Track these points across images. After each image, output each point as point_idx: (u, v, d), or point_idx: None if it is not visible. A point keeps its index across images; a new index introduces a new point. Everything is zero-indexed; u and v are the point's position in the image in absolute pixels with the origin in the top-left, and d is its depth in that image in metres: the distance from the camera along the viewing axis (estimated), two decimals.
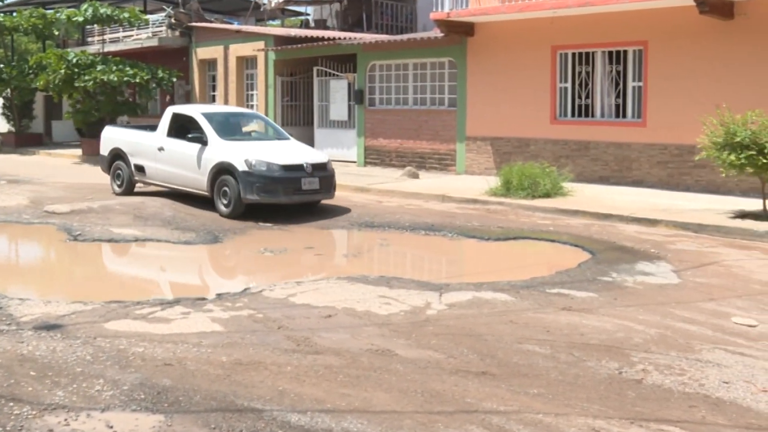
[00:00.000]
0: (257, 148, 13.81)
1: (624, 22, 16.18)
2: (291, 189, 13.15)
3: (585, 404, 5.19)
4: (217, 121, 14.48)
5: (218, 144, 13.81)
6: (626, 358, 6.09)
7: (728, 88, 14.62)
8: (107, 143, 16.64)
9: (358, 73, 21.80)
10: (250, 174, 13.06)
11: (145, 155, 15.40)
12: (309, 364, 5.91)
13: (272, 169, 13.13)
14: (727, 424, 4.92)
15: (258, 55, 24.82)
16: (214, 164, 13.56)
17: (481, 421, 4.89)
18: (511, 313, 7.41)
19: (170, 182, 14.87)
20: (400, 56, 20.86)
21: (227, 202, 13.32)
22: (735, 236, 11.29)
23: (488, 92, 18.73)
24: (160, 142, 14.99)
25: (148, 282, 9.50)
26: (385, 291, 8.22)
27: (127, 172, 15.93)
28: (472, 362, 6.00)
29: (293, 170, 13.29)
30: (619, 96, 16.77)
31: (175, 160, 14.54)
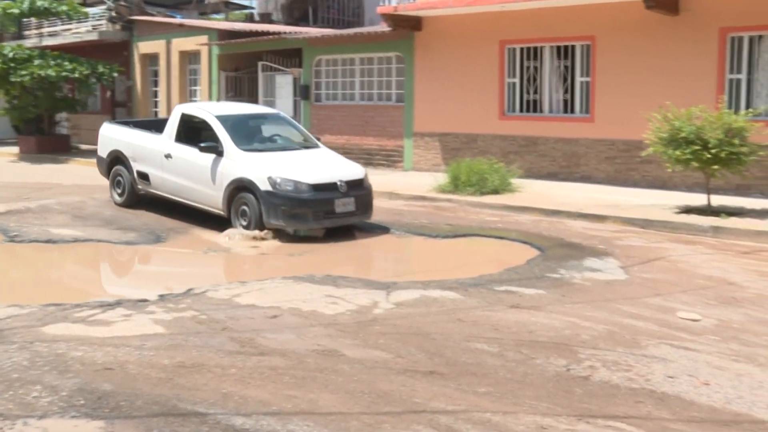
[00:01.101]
0: (282, 161, 11.68)
1: (572, 16, 16.28)
2: (322, 212, 11.12)
3: (533, 402, 5.17)
4: (234, 126, 12.28)
5: (236, 155, 11.66)
6: (574, 355, 6.09)
7: (674, 84, 14.79)
8: (106, 143, 14.47)
9: (304, 68, 21.64)
10: (274, 195, 11.00)
11: (149, 161, 13.24)
12: (254, 366, 5.80)
13: (300, 189, 11.06)
14: (671, 418, 4.94)
15: (201, 50, 24.47)
16: (232, 180, 11.48)
17: (428, 421, 4.84)
18: (459, 311, 7.37)
19: (179, 196, 12.72)
20: (347, 51, 20.75)
21: (246, 225, 11.33)
22: (680, 231, 11.42)
23: (436, 87, 18.72)
24: (168, 147, 12.83)
25: (88, 284, 9.27)
26: (331, 290, 8.13)
27: (128, 180, 13.82)
28: (420, 362, 5.95)
29: (325, 190, 11.21)
30: (567, 91, 16.88)
31: (185, 171, 12.44)
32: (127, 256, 10.54)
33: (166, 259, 10.67)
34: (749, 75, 14.38)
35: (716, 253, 10.09)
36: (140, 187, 13.62)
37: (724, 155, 11.74)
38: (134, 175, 13.64)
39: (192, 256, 10.65)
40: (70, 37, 28.48)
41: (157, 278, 9.68)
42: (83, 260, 10.52)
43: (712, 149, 11.70)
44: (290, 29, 24.96)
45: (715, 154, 11.70)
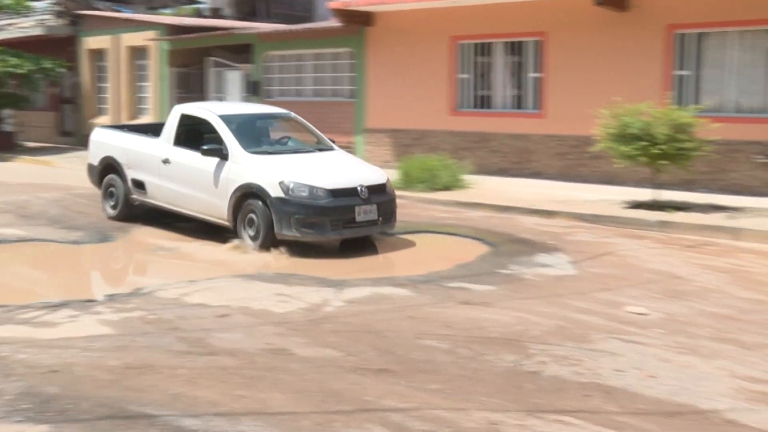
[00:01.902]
0: (295, 164, 10.51)
1: (523, 12, 16.38)
2: (341, 221, 9.94)
3: (484, 398, 5.19)
4: (240, 127, 11.08)
5: (243, 159, 10.47)
6: (524, 351, 6.13)
7: (623, 80, 14.95)
8: (97, 150, 13.02)
9: (254, 64, 21.50)
10: (287, 202, 9.81)
11: (145, 168, 11.87)
12: (203, 366, 5.74)
13: (316, 195, 9.88)
14: (618, 411, 4.99)
15: (150, 45, 24.18)
16: (238, 186, 10.29)
17: (379, 419, 4.83)
18: (410, 308, 7.38)
19: (178, 205, 11.41)
20: (298, 46, 20.66)
21: (254, 235, 10.15)
22: (629, 226, 11.57)
23: (388, 83, 18.72)
24: (165, 151, 11.49)
25: (33, 284, 9.07)
26: (282, 288, 8.08)
27: (122, 189, 12.29)
28: (370, 359, 5.94)
29: (344, 196, 10.05)
30: (518, 87, 16.99)
31: (185, 177, 11.15)
32: (73, 255, 10.36)
33: (114, 258, 10.52)
34: (695, 71, 14.61)
35: (663, 248, 10.24)
36: (135, 196, 12.13)
37: (670, 151, 11.92)
38: (128, 183, 12.19)
39: (141, 255, 10.52)
40: (15, 31, 27.86)
41: (105, 278, 9.53)
42: (28, 260, 10.30)
43: (660, 145, 11.87)
44: (240, 24, 24.79)
45: (663, 150, 11.87)
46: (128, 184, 12.20)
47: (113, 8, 30.58)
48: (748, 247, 10.34)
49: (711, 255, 9.85)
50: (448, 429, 4.69)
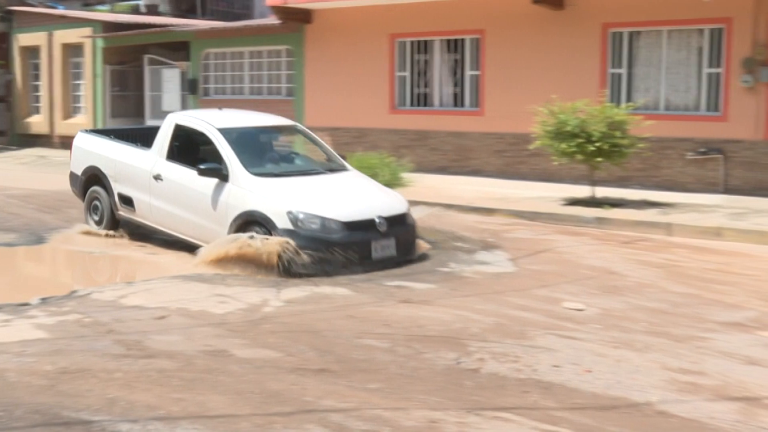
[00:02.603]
0: (304, 189, 9.37)
1: (461, 10, 16.47)
2: (356, 258, 8.77)
3: (424, 396, 5.20)
4: (241, 142, 9.87)
5: (246, 182, 9.28)
6: (464, 348, 6.17)
7: (560, 77, 15.15)
8: (81, 157, 11.65)
9: (192, 62, 21.26)
10: (296, 235, 8.66)
11: (134, 183, 10.59)
12: (140, 369, 5.65)
13: (329, 228, 8.79)
14: (556, 407, 5.06)
15: (85, 43, 23.75)
16: (240, 214, 9.11)
17: (319, 420, 4.81)
18: (350, 307, 7.38)
19: (171, 228, 10.16)
20: (236, 44, 20.49)
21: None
22: (566, 223, 11.73)
23: (327, 81, 18.68)
24: (157, 167, 10.23)
25: None
26: (221, 289, 8.01)
27: (107, 204, 11.05)
28: (310, 359, 5.92)
29: (360, 229, 8.92)
30: (457, 85, 17.09)
31: (179, 197, 9.93)
32: (6, 258, 10.12)
33: (49, 260, 10.31)
34: (629, 69, 14.88)
35: (600, 244, 10.42)
36: (122, 213, 10.93)
37: (606, 148, 12.13)
38: (115, 198, 10.94)
39: (76, 257, 10.34)
40: None
41: (39, 281, 9.34)
42: None
43: (596, 142, 12.07)
44: (177, 21, 24.50)
45: (599, 147, 12.08)
46: (114, 198, 10.94)
47: (47, 4, 29.96)
48: (680, 242, 10.58)
49: (645, 250, 10.05)
50: (388, 428, 4.69)
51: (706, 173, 14.01)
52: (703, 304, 7.47)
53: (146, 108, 22.80)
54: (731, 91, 13.78)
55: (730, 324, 6.87)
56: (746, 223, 10.99)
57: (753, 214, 11.66)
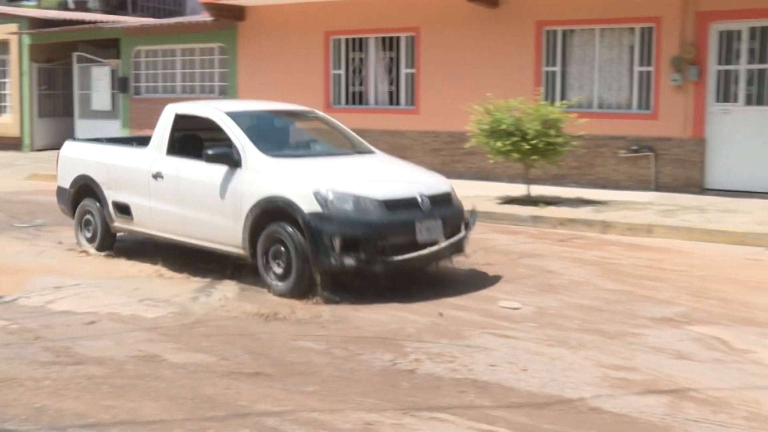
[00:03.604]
0: (330, 169, 8.30)
1: (396, 7, 16.48)
2: (399, 243, 7.63)
3: (360, 398, 5.17)
4: (254, 126, 8.76)
5: (262, 164, 8.09)
6: (400, 349, 6.15)
7: (495, 76, 15.26)
8: (69, 168, 10.24)
9: (122, 60, 20.90)
10: (325, 218, 7.45)
11: (131, 187, 9.35)
12: (69, 377, 5.51)
13: (364, 207, 7.58)
14: (492, 405, 5.07)
15: (11, 39, 23.15)
16: (258, 201, 7.87)
17: (254, 424, 4.75)
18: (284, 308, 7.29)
19: (175, 232, 8.92)
20: (168, 41, 20.20)
21: (283, 271, 7.71)
22: (502, 222, 11.80)
23: (261, 79, 18.51)
24: (157, 164, 9.01)
25: None
26: (153, 292, 7.86)
27: (100, 217, 9.71)
28: (245, 363, 5.84)
29: (401, 208, 7.74)
30: (392, 83, 17.09)
31: (183, 194, 8.73)
32: None
33: None
34: (563, 67, 15.06)
35: (535, 242, 10.51)
36: (118, 224, 9.61)
37: (541, 146, 12.23)
38: (109, 208, 9.62)
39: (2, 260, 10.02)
40: None
41: None
42: None
43: (531, 140, 12.16)
44: (107, 18, 24.08)
45: (534, 145, 12.18)
46: (108, 209, 9.61)
47: None
48: (614, 239, 10.74)
49: (580, 248, 10.17)
50: (324, 431, 4.65)
51: (639, 171, 14.26)
52: (636, 301, 7.58)
53: (75, 107, 22.33)
54: (661, 89, 14.05)
55: (660, 320, 6.99)
56: (676, 220, 11.21)
57: (682, 211, 11.90)
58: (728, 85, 13.72)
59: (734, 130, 13.59)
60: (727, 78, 13.73)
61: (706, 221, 11.08)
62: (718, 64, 13.74)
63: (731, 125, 13.62)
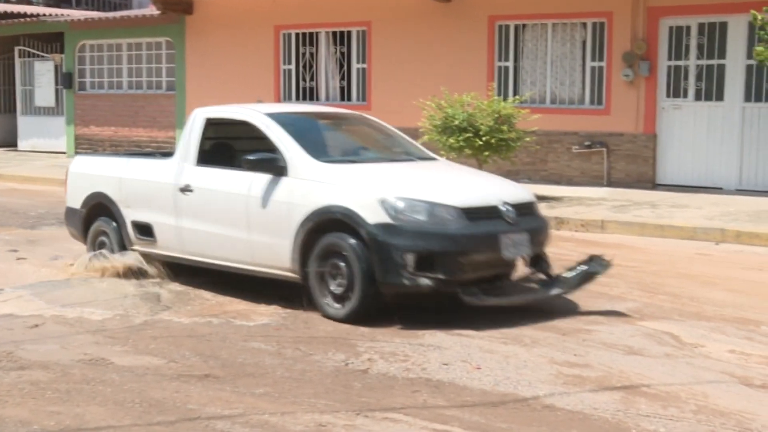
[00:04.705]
0: (395, 174, 7.43)
1: (347, 2, 16.42)
2: (482, 259, 6.90)
3: (312, 400, 5.10)
4: (299, 130, 7.70)
5: (313, 171, 7.13)
6: (352, 349, 6.09)
7: (448, 71, 15.29)
8: (80, 186, 9.08)
9: (66, 54, 20.53)
10: (395, 230, 6.51)
11: (153, 204, 8.24)
12: (12, 382, 5.33)
13: (440, 217, 6.63)
14: (446, 405, 5.03)
15: None
16: (310, 213, 6.89)
17: (204, 428, 4.65)
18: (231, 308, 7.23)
19: (206, 254, 7.83)
20: (113, 35, 19.89)
21: (342, 292, 6.75)
22: None
23: (210, 75, 18.30)
24: (185, 176, 7.93)
25: None
26: (99, 294, 7.68)
27: (116, 239, 8.58)
28: (194, 365, 5.73)
29: (481, 218, 6.81)
30: (344, 78, 17.00)
31: (217, 209, 7.66)
32: None
33: None
34: (516, 63, 15.11)
35: None
36: (138, 247, 8.43)
37: (494, 142, 12.24)
38: (128, 228, 8.49)
39: None
40: None
41: None
42: None
43: (483, 136, 12.16)
44: (51, 11, 23.64)
45: (486, 141, 12.18)
46: (127, 229, 8.48)
47: None
48: (567, 235, 10.79)
49: None
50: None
51: (592, 166, 14.37)
52: (589, 297, 7.58)
53: (18, 103, 21.89)
54: (613, 85, 14.18)
55: (613, 315, 7.01)
56: (628, 216, 11.30)
57: (634, 207, 12.02)
58: (679, 81, 13.89)
59: (685, 125, 13.77)
60: (677, 74, 13.90)
61: (657, 217, 11.20)
62: (669, 59, 13.91)
63: (682, 121, 13.80)
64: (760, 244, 10.00)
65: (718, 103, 13.59)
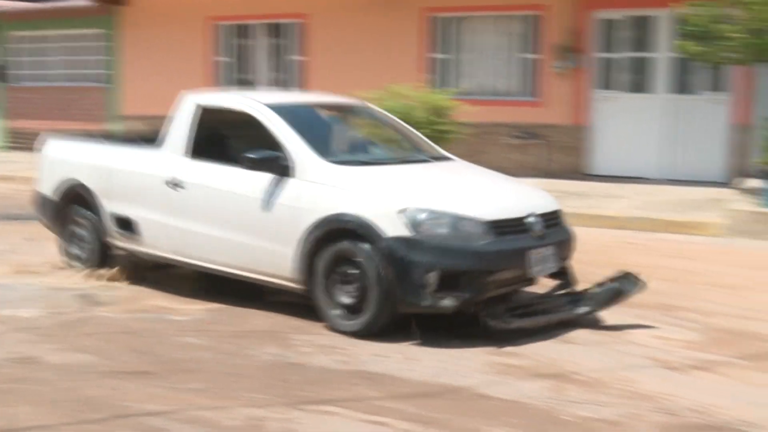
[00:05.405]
0: (413, 180, 6.81)
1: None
2: (508, 277, 6.40)
3: (248, 394, 5.11)
4: (304, 124, 7.06)
5: (321, 172, 6.54)
6: (288, 342, 6.11)
7: (386, 63, 15.31)
8: (53, 171, 8.46)
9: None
10: (417, 245, 5.95)
11: (137, 197, 7.62)
12: None
13: (467, 230, 6.08)
14: (383, 397, 5.09)
15: None
16: (319, 220, 6.30)
17: (139, 425, 4.63)
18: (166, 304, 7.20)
19: (197, 256, 7.25)
20: (46, 27, 19.55)
21: (355, 305, 6.20)
22: None
23: (145, 67, 18.08)
24: (175, 169, 7.34)
25: None
26: (31, 291, 7.56)
27: (94, 230, 8.01)
28: (129, 362, 5.70)
29: (510, 233, 6.26)
30: (281, 71, 16.94)
31: (211, 208, 7.07)
32: None
33: None
34: (452, 55, 15.23)
35: None
36: (118, 242, 7.93)
37: (430, 134, 12.30)
38: (106, 221, 7.91)
39: None
40: None
41: None
42: None
43: (420, 129, 12.21)
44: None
45: (422, 133, 12.23)
46: (105, 222, 7.89)
47: None
48: None
49: None
50: (210, 429, 4.58)
51: (527, 158, 14.56)
52: None
53: None
54: (547, 77, 14.39)
55: None
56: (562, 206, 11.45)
57: (568, 197, 12.16)
58: (610, 73, 14.17)
59: (616, 117, 14.06)
60: (609, 66, 14.17)
61: (590, 207, 11.41)
62: (600, 52, 14.16)
63: (613, 112, 14.08)
64: (685, 233, 10.29)
65: (647, 95, 13.91)
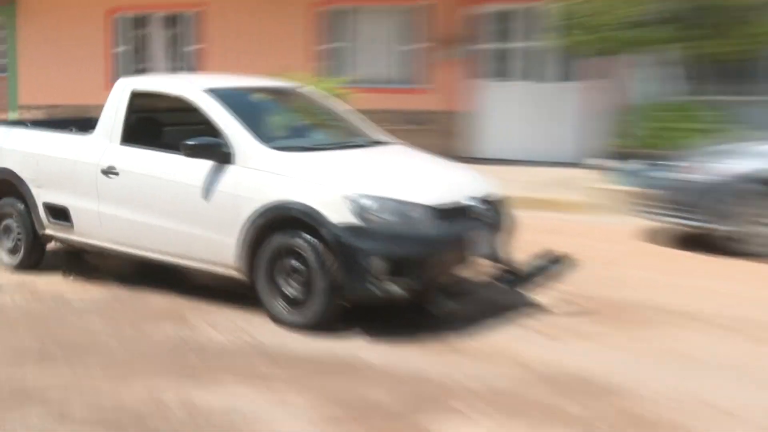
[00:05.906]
0: (355, 165, 6.61)
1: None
2: (453, 261, 6.29)
3: (148, 374, 5.23)
4: (244, 109, 6.80)
5: (263, 158, 6.33)
6: (187, 322, 6.26)
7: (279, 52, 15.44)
8: None
9: None
10: (363, 232, 5.82)
11: (70, 185, 7.35)
12: None
13: (412, 216, 5.97)
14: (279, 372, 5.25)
15: None
16: (262, 208, 6.12)
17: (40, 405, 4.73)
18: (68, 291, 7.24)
19: (133, 244, 7.03)
20: None
21: (300, 298, 6.04)
22: None
23: (43, 57, 17.85)
24: (108, 155, 7.11)
25: None
26: None
27: (27, 223, 7.70)
28: (31, 347, 5.78)
29: (452, 217, 6.17)
30: (177, 60, 16.96)
31: (147, 196, 6.84)
32: None
33: None
34: (345, 43, 15.61)
35: None
36: (52, 233, 7.64)
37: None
38: (39, 212, 7.61)
39: None
40: None
41: None
42: None
43: None
44: None
45: None
46: (38, 212, 7.58)
47: None
48: None
49: None
50: (112, 406, 4.72)
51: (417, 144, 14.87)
52: None
53: None
54: (435, 65, 14.93)
55: None
56: None
57: None
58: (495, 62, 14.83)
59: (501, 103, 14.72)
60: (495, 55, 14.81)
61: None
62: (486, 42, 14.80)
63: (498, 99, 14.74)
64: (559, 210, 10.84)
65: (531, 83, 14.58)
